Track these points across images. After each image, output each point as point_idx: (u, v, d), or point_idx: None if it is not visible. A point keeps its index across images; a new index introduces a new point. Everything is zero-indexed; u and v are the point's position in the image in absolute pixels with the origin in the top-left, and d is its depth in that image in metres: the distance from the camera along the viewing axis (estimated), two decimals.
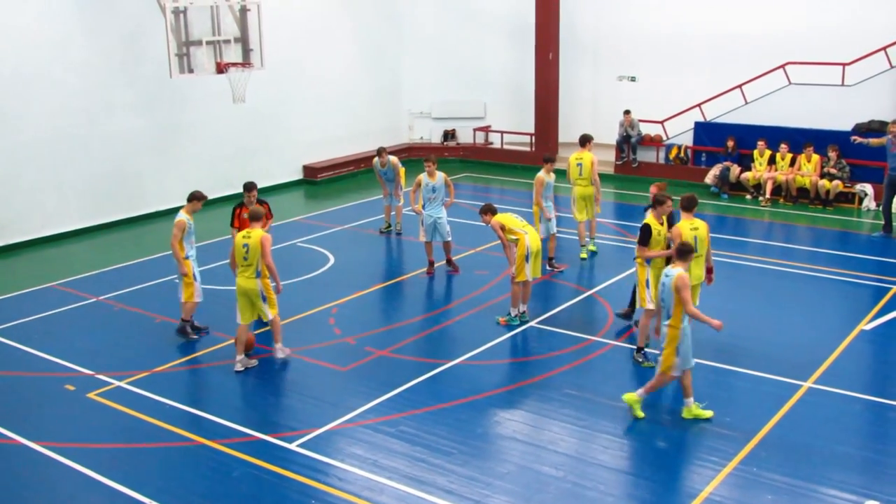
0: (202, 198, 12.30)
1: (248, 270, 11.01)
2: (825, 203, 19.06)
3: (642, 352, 11.14)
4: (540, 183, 14.50)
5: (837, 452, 9.01)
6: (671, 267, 9.54)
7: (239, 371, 11.14)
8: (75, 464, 9.02)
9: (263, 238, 10.95)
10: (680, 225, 10.73)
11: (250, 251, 10.95)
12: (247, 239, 11.00)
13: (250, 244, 10.95)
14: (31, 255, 16.76)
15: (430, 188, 14.79)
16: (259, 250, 10.91)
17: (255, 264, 10.98)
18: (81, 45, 17.58)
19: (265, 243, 10.93)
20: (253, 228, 11.08)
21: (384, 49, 24.90)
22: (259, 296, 11.07)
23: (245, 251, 10.98)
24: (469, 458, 9.00)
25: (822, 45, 20.18)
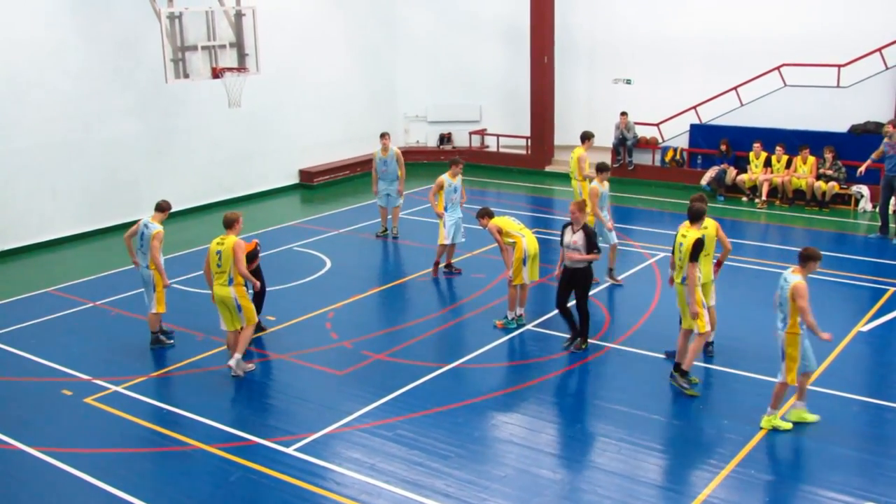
0: (170, 208, 12.19)
1: (222, 278, 10.89)
2: (821, 205, 19.09)
3: (688, 376, 10.44)
4: (595, 193, 13.79)
5: (835, 454, 9.01)
6: (790, 272, 9.28)
7: (235, 377, 11.09)
8: (72, 468, 9.00)
9: (236, 245, 10.80)
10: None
11: (223, 258, 10.83)
12: (220, 245, 10.88)
13: (223, 250, 10.84)
14: (27, 261, 16.74)
15: (453, 188, 14.83)
16: (231, 256, 10.78)
17: (228, 271, 10.85)
18: (77, 51, 17.57)
19: (237, 250, 10.79)
20: (227, 235, 10.93)
21: (379, 53, 24.92)
22: (234, 304, 10.92)
23: (218, 258, 10.87)
24: (466, 462, 8.99)
25: (817, 47, 20.22)
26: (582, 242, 11.15)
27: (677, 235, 10.45)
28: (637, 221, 18.74)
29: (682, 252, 10.19)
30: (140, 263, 11.95)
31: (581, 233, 11.15)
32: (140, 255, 11.93)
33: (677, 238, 10.42)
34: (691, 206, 10.43)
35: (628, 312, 12.97)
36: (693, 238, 10.10)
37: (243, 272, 10.85)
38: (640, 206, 20.06)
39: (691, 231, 10.26)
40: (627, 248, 16.50)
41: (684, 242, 10.22)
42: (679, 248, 10.30)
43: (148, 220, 11.86)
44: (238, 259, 10.77)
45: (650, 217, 18.99)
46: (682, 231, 10.37)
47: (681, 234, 10.36)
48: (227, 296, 10.88)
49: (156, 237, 11.69)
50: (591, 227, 11.38)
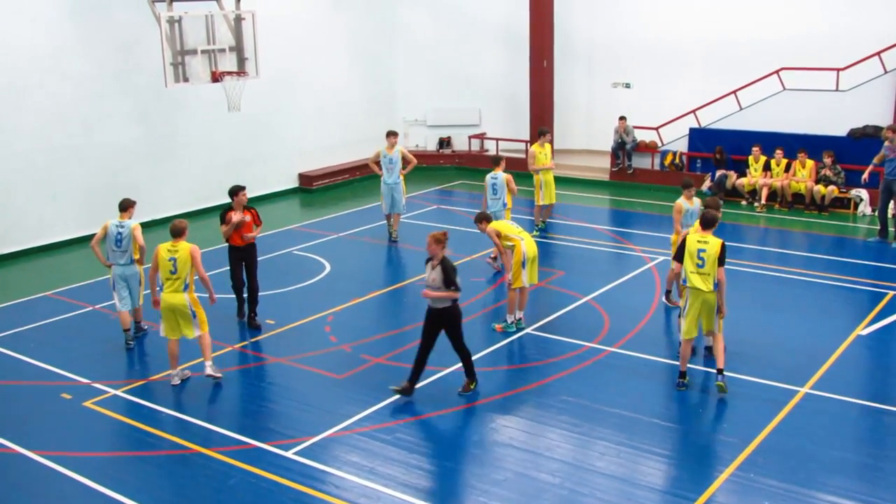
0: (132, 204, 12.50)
1: (175, 284, 10.74)
2: (820, 208, 19.10)
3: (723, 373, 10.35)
4: (679, 211, 12.68)
5: (834, 458, 9.01)
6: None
7: (175, 385, 11.02)
8: (72, 472, 8.99)
9: (193, 250, 10.73)
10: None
11: (178, 264, 10.69)
12: (174, 252, 10.72)
13: (178, 257, 10.69)
14: (27, 265, 16.74)
15: (493, 186, 15.40)
16: (188, 262, 10.70)
17: (183, 277, 10.73)
18: (76, 55, 17.58)
19: (195, 255, 10.72)
20: (178, 242, 10.78)
21: (379, 57, 24.95)
22: (188, 311, 10.81)
23: (172, 265, 10.70)
24: (466, 465, 8.98)
25: (815, 51, 20.25)
26: (440, 278, 10.09)
27: (689, 242, 10.17)
28: (636, 225, 18.75)
29: (708, 257, 9.96)
30: (118, 262, 12.10)
31: (439, 268, 10.10)
32: (119, 255, 12.08)
33: (692, 245, 10.11)
34: (706, 213, 10.29)
35: (627, 316, 12.96)
36: (718, 243, 10.00)
37: (203, 277, 10.79)
38: (640, 209, 20.07)
39: (709, 236, 10.09)
40: (627, 251, 16.52)
41: (707, 248, 9.99)
42: (698, 255, 10.03)
43: (118, 221, 12.08)
44: (198, 264, 10.72)
45: (649, 221, 19.00)
46: (698, 238, 10.12)
47: (698, 241, 10.09)
48: (181, 303, 10.75)
49: (136, 228, 12.06)
50: (449, 262, 10.15)
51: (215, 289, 11.29)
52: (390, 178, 17.15)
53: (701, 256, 10.02)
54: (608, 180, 22.64)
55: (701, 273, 10.06)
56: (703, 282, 10.07)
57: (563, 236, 17.36)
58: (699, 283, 10.09)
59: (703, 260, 10.01)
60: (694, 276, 10.10)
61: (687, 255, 10.16)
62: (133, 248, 12.08)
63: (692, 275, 10.12)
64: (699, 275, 10.07)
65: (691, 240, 10.16)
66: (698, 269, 10.07)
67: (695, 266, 10.09)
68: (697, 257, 10.05)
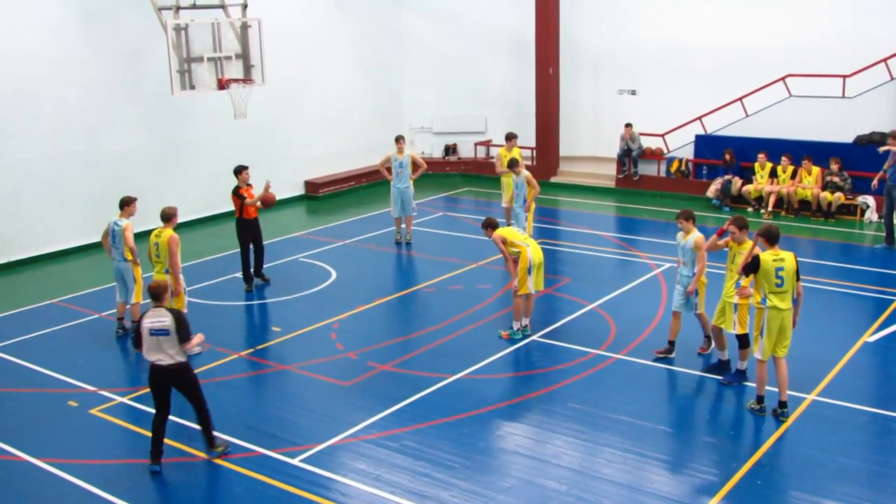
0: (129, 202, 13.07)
1: (158, 266, 12.01)
2: (827, 215, 19.05)
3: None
4: None
5: (841, 465, 8.97)
6: None
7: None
8: (78, 479, 9.00)
9: (171, 240, 11.82)
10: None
11: (160, 249, 11.91)
12: (157, 237, 11.94)
13: (160, 242, 11.88)
14: (34, 272, 16.78)
15: (514, 185, 15.57)
16: (167, 249, 11.79)
17: (163, 261, 11.92)
18: (83, 63, 17.64)
19: (172, 244, 11.80)
20: (164, 228, 11.96)
21: (385, 64, 24.99)
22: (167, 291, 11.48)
23: (156, 248, 11.96)
24: (472, 473, 8.97)
25: (822, 58, 20.22)
26: (173, 328, 8.88)
27: (766, 262, 9.66)
28: (642, 232, 18.73)
29: (787, 274, 9.64)
30: (115, 257, 12.78)
31: (170, 316, 8.91)
32: (115, 250, 12.75)
33: (771, 264, 9.65)
34: (770, 230, 9.86)
35: (633, 323, 12.93)
36: (793, 257, 9.75)
37: (175, 265, 11.81)
38: (646, 216, 20.05)
39: (782, 252, 9.76)
40: (633, 258, 16.50)
41: (785, 266, 9.62)
42: (776, 274, 9.62)
43: (116, 219, 12.74)
44: (172, 253, 11.78)
45: (655, 227, 18.98)
46: (773, 256, 9.69)
47: (773, 260, 9.64)
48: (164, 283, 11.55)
49: (127, 228, 12.59)
50: (180, 312, 9.17)
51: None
52: (400, 183, 17.24)
53: (780, 275, 9.66)
54: (614, 187, 22.62)
55: (781, 291, 9.68)
56: (784, 300, 9.71)
57: (569, 243, 17.34)
58: (779, 303, 9.72)
59: (782, 279, 9.66)
60: (773, 295, 9.71)
61: (762, 276, 9.71)
62: (124, 247, 12.64)
63: (772, 295, 9.72)
64: (780, 292, 9.69)
65: (766, 259, 9.72)
66: (777, 288, 9.68)
67: (773, 286, 9.69)
68: (776, 276, 9.67)
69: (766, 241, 9.84)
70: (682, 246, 11.27)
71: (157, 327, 8.86)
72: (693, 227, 11.16)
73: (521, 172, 15.54)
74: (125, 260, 12.66)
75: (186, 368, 9.11)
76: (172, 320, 8.85)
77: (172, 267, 11.83)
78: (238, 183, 14.61)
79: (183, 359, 9.01)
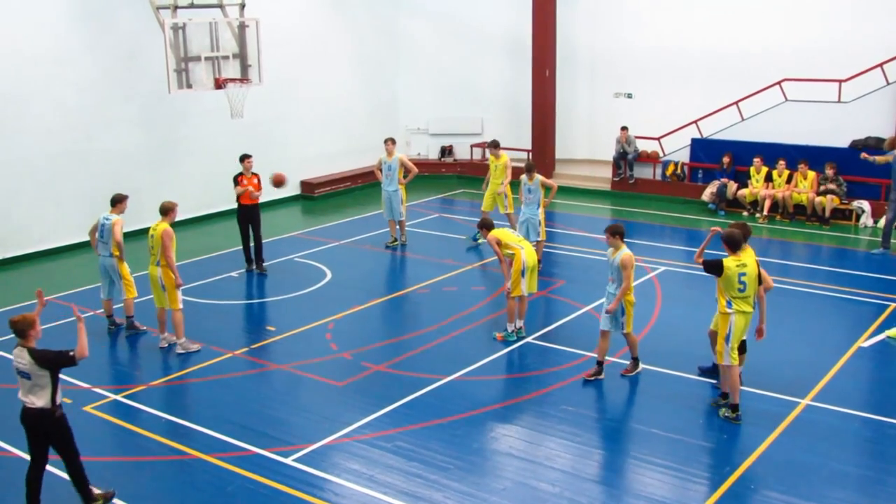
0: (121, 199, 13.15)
1: (153, 258, 12.16)
2: (822, 220, 19.08)
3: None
4: None
5: (835, 470, 8.99)
6: None
7: (163, 347, 12.33)
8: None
9: (164, 234, 11.92)
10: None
11: (154, 242, 12.08)
12: (153, 230, 12.14)
13: (154, 235, 12.07)
14: (29, 269, 16.74)
15: (528, 189, 15.43)
16: (160, 243, 11.91)
17: (156, 254, 12.07)
18: (80, 61, 17.62)
19: (165, 239, 11.90)
20: (160, 222, 12.12)
21: (382, 65, 24.99)
22: (158, 284, 12.10)
23: (151, 241, 12.14)
24: (465, 474, 8.97)
25: (818, 62, 20.28)
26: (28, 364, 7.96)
27: (729, 268, 9.72)
28: (638, 235, 18.73)
29: (750, 279, 9.72)
30: (101, 253, 12.87)
31: (27, 357, 7.97)
32: (101, 245, 12.82)
33: (734, 270, 9.71)
34: (732, 237, 9.87)
35: None
36: (755, 262, 9.85)
37: (169, 259, 11.92)
38: (641, 220, 20.07)
39: (745, 258, 9.82)
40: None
41: (748, 271, 9.71)
42: (739, 279, 9.69)
43: (107, 214, 12.85)
44: (165, 247, 11.88)
45: (651, 231, 19.00)
46: (735, 262, 9.73)
47: (737, 265, 9.69)
48: (155, 275, 12.13)
49: (116, 224, 12.66)
50: (37, 350, 8.05)
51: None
52: (389, 186, 17.22)
53: (742, 280, 9.74)
54: (609, 190, 22.65)
55: (743, 295, 9.78)
56: (746, 304, 9.84)
57: (565, 246, 17.35)
58: (744, 307, 9.83)
59: (745, 283, 9.75)
60: (736, 300, 9.80)
61: (725, 282, 9.78)
62: (112, 243, 12.68)
63: (736, 299, 9.79)
64: (742, 298, 9.80)
65: (729, 265, 9.78)
66: (739, 293, 9.77)
67: (736, 291, 9.76)
68: (738, 282, 9.75)
69: (727, 247, 9.90)
70: (611, 262, 10.92)
71: (18, 368, 8.00)
72: (622, 243, 10.82)
73: (535, 177, 15.43)
74: (111, 255, 12.73)
75: (48, 415, 8.00)
76: (30, 360, 7.87)
77: (166, 261, 11.93)
78: (241, 170, 15.56)
79: (43, 404, 7.97)
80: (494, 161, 17.42)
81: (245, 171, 15.60)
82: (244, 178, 15.60)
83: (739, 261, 9.80)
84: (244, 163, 15.70)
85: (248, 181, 15.59)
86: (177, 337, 12.22)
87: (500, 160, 17.32)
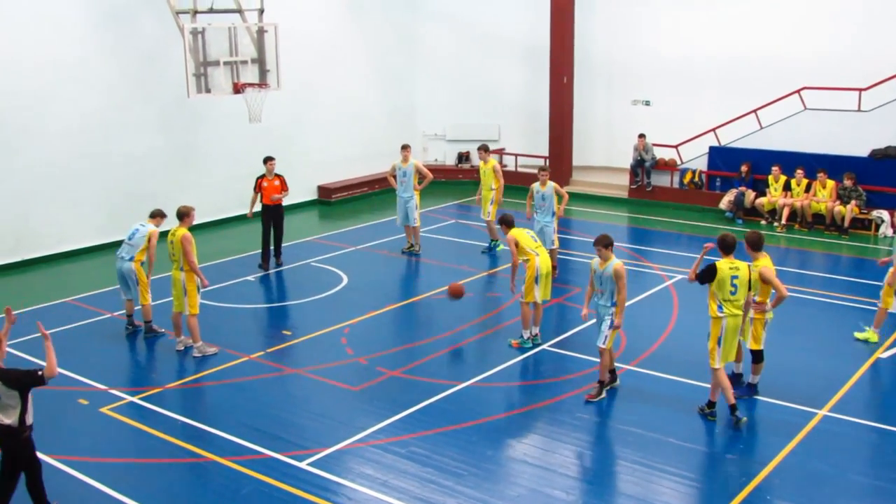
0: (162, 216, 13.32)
1: (175, 263, 12.21)
2: (841, 230, 18.95)
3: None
4: None
5: (852, 481, 8.92)
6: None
7: (179, 350, 12.38)
8: (87, 477, 9.04)
9: (184, 238, 11.97)
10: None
11: (174, 247, 12.11)
12: (172, 236, 12.16)
13: (174, 241, 12.09)
14: (48, 271, 16.87)
15: (541, 196, 15.43)
16: (181, 248, 11.97)
17: (178, 259, 12.10)
18: (101, 65, 17.76)
19: (185, 243, 11.96)
20: (178, 227, 12.19)
21: (399, 71, 25.05)
22: (181, 287, 12.13)
23: (171, 247, 12.17)
24: (480, 481, 8.95)
25: (837, 70, 20.14)
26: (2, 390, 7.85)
27: (722, 271, 9.82)
28: (654, 243, 18.69)
29: (741, 283, 9.79)
30: (120, 255, 13.03)
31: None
32: (124, 247, 13.00)
33: (727, 272, 9.81)
34: (725, 239, 9.97)
35: (644, 334, 12.90)
36: (747, 266, 9.94)
37: (192, 262, 11.97)
38: (659, 227, 20.01)
39: (737, 262, 9.88)
40: (645, 269, 16.46)
41: (740, 275, 9.80)
42: (731, 282, 9.78)
43: (144, 222, 13.09)
44: (187, 252, 11.94)
45: (668, 239, 18.94)
46: (728, 265, 9.82)
47: (729, 268, 9.82)
48: (177, 279, 12.19)
49: (153, 235, 12.86)
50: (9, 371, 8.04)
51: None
52: (403, 192, 17.23)
53: (734, 283, 9.81)
54: (626, 198, 22.59)
55: (734, 299, 9.86)
56: (736, 308, 9.92)
57: (581, 253, 17.30)
58: (734, 310, 9.91)
59: (736, 287, 9.82)
60: (727, 304, 9.87)
61: (717, 285, 9.84)
62: (140, 250, 12.86)
63: (726, 303, 9.86)
64: (732, 302, 9.88)
65: (722, 267, 9.85)
66: (731, 296, 9.84)
67: (727, 294, 9.84)
68: (731, 285, 9.82)
69: (721, 250, 10.00)
70: (600, 274, 10.77)
71: None
72: (611, 254, 10.71)
73: (547, 184, 15.42)
74: (131, 259, 12.82)
75: (15, 434, 7.68)
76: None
77: (189, 265, 11.99)
78: (264, 171, 16.12)
79: (11, 422, 7.65)
80: (483, 167, 17.44)
81: (267, 172, 16.06)
82: (265, 180, 16.04)
83: (732, 264, 9.91)
84: (267, 165, 16.11)
85: (269, 183, 16.03)
86: (193, 340, 12.28)
87: (488, 164, 17.33)
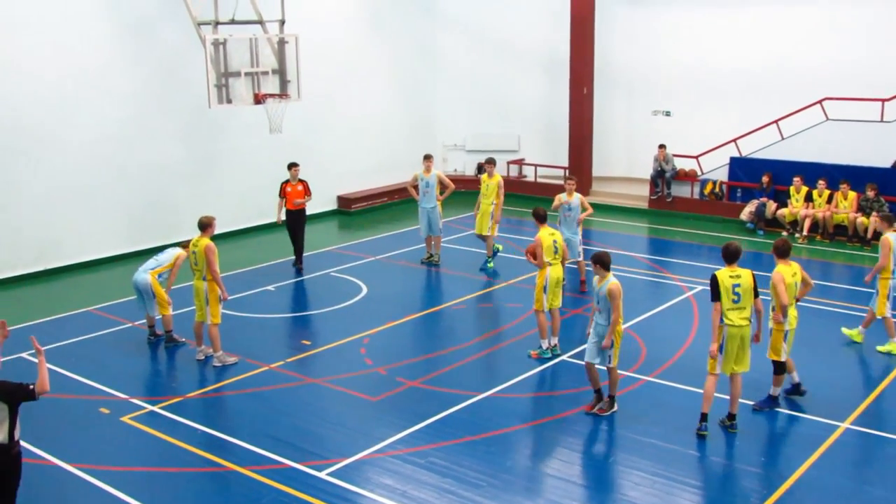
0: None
1: (198, 274, 12.26)
2: (863, 241, 18.79)
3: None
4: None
5: (875, 496, 8.82)
6: None
7: (200, 360, 12.49)
8: (108, 486, 9.08)
9: (207, 249, 12.02)
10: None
11: (197, 258, 12.16)
12: (195, 247, 12.23)
13: (197, 251, 12.14)
14: (69, 280, 17.00)
15: (567, 206, 15.30)
16: (204, 258, 12.02)
17: (201, 269, 12.15)
18: (122, 75, 17.92)
19: (208, 254, 12.01)
20: (201, 238, 12.22)
21: (419, 82, 25.13)
22: (203, 297, 12.22)
23: (194, 257, 12.22)
24: (498, 492, 8.93)
25: (860, 81, 20.02)
26: None
27: (723, 279, 9.79)
28: (675, 254, 18.61)
29: (744, 290, 9.76)
30: (142, 268, 13.23)
31: None
32: (152, 260, 13.34)
33: (728, 281, 9.78)
34: (727, 248, 9.99)
35: (664, 346, 12.84)
36: (749, 273, 9.90)
37: (214, 272, 12.03)
38: (679, 238, 19.93)
39: (739, 269, 9.87)
40: (665, 280, 16.39)
41: (742, 283, 9.77)
42: (733, 290, 9.74)
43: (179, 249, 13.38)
44: (210, 262, 12.00)
45: (688, 250, 18.85)
46: (730, 273, 9.81)
47: (730, 276, 9.79)
48: (200, 288, 12.27)
49: (179, 257, 13.14)
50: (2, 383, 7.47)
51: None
52: (427, 202, 17.20)
53: (736, 291, 9.80)
54: (647, 208, 22.52)
55: (738, 307, 9.82)
56: (739, 316, 9.84)
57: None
58: (736, 319, 9.84)
59: (739, 295, 9.80)
60: (730, 312, 9.82)
61: (723, 292, 9.80)
62: (163, 267, 13.13)
63: (729, 311, 9.82)
64: (736, 308, 9.83)
65: (723, 276, 9.84)
66: (734, 304, 9.82)
67: (730, 302, 9.81)
68: (733, 293, 9.80)
69: (723, 258, 10.00)
70: (597, 292, 10.47)
71: None
72: (607, 272, 10.46)
73: (574, 195, 15.27)
74: (146, 271, 13.06)
75: (5, 451, 7.34)
76: None
77: (212, 275, 12.06)
78: (288, 177, 16.80)
79: (1, 439, 7.30)
80: (486, 180, 16.95)
81: (291, 178, 16.74)
82: (289, 185, 16.75)
83: (734, 272, 9.88)
84: (291, 170, 16.75)
85: (293, 188, 16.72)
86: (213, 350, 12.34)
87: (493, 179, 16.88)
